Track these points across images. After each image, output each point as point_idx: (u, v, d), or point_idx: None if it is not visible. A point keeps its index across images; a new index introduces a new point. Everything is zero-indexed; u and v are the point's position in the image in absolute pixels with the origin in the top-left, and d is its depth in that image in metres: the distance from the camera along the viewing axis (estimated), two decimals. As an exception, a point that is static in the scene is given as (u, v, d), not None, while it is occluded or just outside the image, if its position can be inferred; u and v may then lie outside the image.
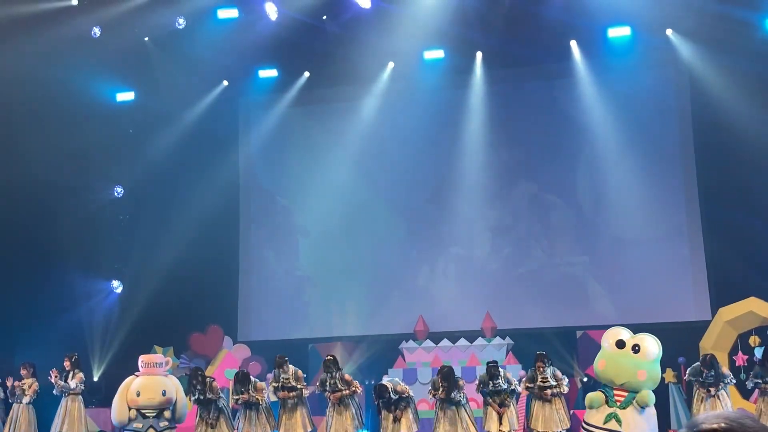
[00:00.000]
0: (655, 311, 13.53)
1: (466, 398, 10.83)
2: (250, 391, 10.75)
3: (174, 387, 10.66)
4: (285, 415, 10.87)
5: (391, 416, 10.61)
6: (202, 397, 10.62)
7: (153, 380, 10.50)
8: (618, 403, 9.56)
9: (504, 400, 10.71)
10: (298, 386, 10.84)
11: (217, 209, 15.43)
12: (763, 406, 10.76)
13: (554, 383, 10.75)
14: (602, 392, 9.57)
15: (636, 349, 9.54)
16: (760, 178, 13.47)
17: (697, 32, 13.78)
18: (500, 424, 10.64)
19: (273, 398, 11.11)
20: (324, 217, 15.53)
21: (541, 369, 10.79)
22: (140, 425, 10.32)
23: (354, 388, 10.73)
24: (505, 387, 10.70)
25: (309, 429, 10.85)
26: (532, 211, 15.00)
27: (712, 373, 10.59)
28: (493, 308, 14.05)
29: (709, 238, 13.94)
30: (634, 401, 9.37)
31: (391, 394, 10.54)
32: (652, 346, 9.58)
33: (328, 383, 10.70)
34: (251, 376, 11.19)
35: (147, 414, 10.36)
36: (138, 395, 10.35)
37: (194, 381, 10.65)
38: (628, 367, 9.50)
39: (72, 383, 11.68)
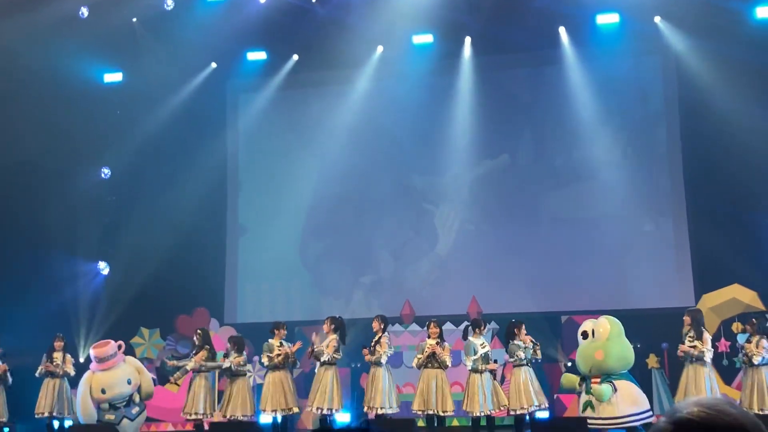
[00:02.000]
0: (638, 297, 13.61)
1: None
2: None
3: (135, 370, 10.58)
4: (272, 391, 11.03)
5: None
6: None
7: (115, 373, 10.33)
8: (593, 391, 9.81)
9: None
10: (287, 352, 11.32)
11: (204, 191, 15.42)
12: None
13: (529, 347, 10.86)
14: (580, 378, 9.90)
15: (593, 333, 9.91)
16: (746, 166, 13.50)
17: (686, 20, 13.80)
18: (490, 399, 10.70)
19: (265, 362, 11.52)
20: (311, 200, 15.56)
21: (519, 332, 10.93)
22: (113, 416, 10.21)
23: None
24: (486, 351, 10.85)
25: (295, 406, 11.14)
26: (519, 197, 15.03)
27: (688, 332, 10.34)
28: (479, 293, 14.13)
29: (694, 225, 14.00)
30: (592, 397, 9.68)
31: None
32: (605, 325, 9.95)
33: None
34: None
35: (118, 405, 10.28)
36: (104, 392, 10.22)
37: None
38: (587, 353, 9.90)
39: (70, 370, 11.74)
